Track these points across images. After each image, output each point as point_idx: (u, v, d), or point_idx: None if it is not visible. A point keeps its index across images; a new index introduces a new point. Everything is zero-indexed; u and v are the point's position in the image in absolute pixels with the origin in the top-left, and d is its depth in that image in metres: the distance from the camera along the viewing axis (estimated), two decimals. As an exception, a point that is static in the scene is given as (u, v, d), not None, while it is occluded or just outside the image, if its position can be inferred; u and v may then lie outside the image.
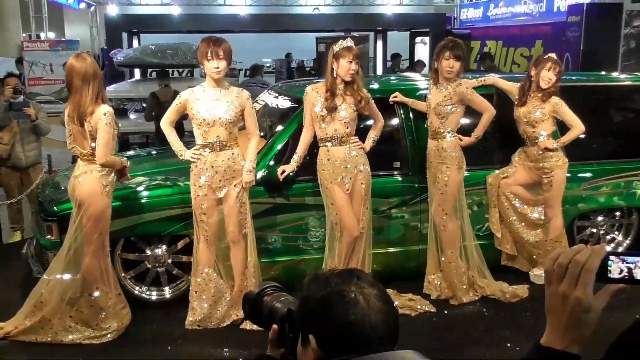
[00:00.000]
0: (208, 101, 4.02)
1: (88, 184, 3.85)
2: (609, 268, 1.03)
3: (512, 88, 4.83)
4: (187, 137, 5.09)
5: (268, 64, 16.60)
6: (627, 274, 1.03)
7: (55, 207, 4.34)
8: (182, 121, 5.04)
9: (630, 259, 1.04)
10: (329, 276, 1.33)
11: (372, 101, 4.31)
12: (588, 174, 5.00)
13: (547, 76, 4.57)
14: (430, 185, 4.59)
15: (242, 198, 4.12)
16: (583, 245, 1.05)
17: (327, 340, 1.26)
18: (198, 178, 4.05)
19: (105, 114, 3.79)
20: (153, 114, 7.71)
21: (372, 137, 4.36)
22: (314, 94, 4.26)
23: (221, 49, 3.94)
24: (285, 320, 1.40)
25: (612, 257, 1.04)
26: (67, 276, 3.94)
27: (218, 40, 4.01)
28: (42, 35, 14.43)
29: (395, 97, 4.73)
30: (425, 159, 4.67)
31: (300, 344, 1.32)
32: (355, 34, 13.85)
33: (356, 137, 4.28)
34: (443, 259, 4.57)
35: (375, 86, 4.95)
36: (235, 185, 4.08)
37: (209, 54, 3.94)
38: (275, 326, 1.43)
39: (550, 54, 4.72)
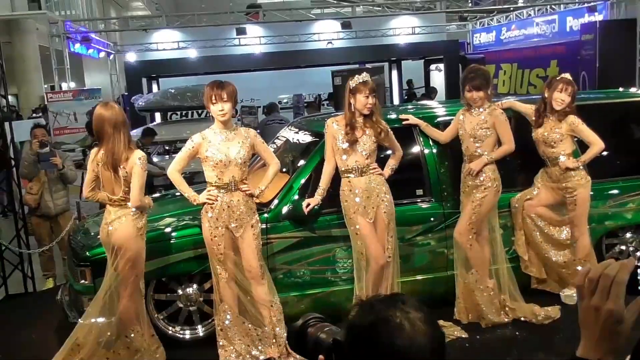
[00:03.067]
0: (221, 143, 4.11)
1: (123, 228, 3.95)
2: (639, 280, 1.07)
3: (528, 110, 4.87)
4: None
5: (285, 100, 16.84)
6: None
7: (87, 253, 4.44)
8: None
9: None
10: (374, 302, 1.33)
11: (391, 132, 4.40)
12: (613, 191, 4.98)
13: (560, 97, 4.61)
14: (464, 207, 4.61)
15: (257, 235, 4.17)
16: (612, 260, 1.09)
17: None
18: (215, 219, 4.10)
19: (140, 158, 3.93)
20: None
21: (391, 165, 4.43)
22: (335, 127, 4.35)
23: (225, 92, 4.04)
24: (331, 350, 1.42)
25: None
26: (102, 319, 4.01)
27: (222, 83, 4.11)
28: (64, 85, 14.83)
29: (407, 119, 4.81)
30: (448, 185, 4.72)
31: None
32: (370, 65, 14.04)
33: (375, 164, 4.35)
34: (470, 277, 4.56)
35: (393, 116, 5.02)
36: (252, 226, 4.14)
37: (213, 98, 4.05)
38: (321, 357, 1.45)
39: (563, 75, 4.76)
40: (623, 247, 5.14)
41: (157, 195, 6.21)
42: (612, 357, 1.06)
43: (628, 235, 5.13)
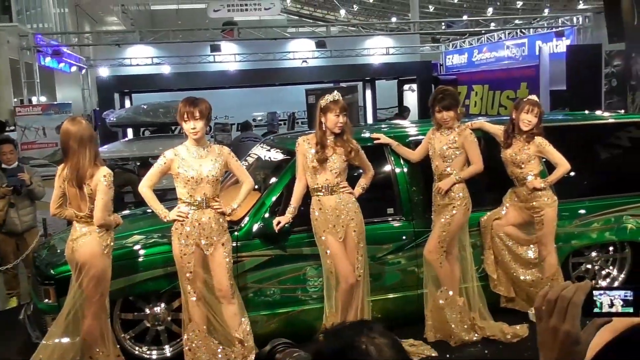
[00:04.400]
0: (193, 160, 4.07)
1: (88, 245, 3.88)
2: (598, 302, 1.09)
3: (497, 131, 4.95)
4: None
5: (260, 118, 16.83)
6: (610, 307, 1.09)
7: (52, 270, 4.35)
8: None
9: (611, 292, 1.10)
10: (340, 329, 1.33)
11: (362, 151, 4.42)
12: (579, 211, 5.07)
13: (527, 118, 4.70)
14: (434, 225, 4.64)
15: (228, 253, 4.14)
16: (569, 282, 1.11)
17: None
18: (185, 237, 4.06)
19: (104, 176, 3.86)
20: None
21: (362, 184, 4.45)
22: (306, 145, 4.36)
23: (197, 110, 4.01)
24: None
25: (595, 292, 1.10)
26: (66, 340, 3.92)
27: (195, 101, 4.07)
28: (34, 99, 14.61)
29: (378, 138, 4.84)
30: (419, 203, 4.76)
31: None
32: (344, 84, 14.14)
33: (345, 182, 4.35)
34: (440, 296, 4.58)
35: (367, 135, 5.05)
36: (223, 244, 4.11)
37: (186, 115, 4.02)
38: None
39: (529, 97, 4.87)
40: (589, 266, 5.23)
41: (127, 212, 6.14)
42: None
43: (593, 254, 5.23)
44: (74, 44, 18.04)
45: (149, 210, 4.67)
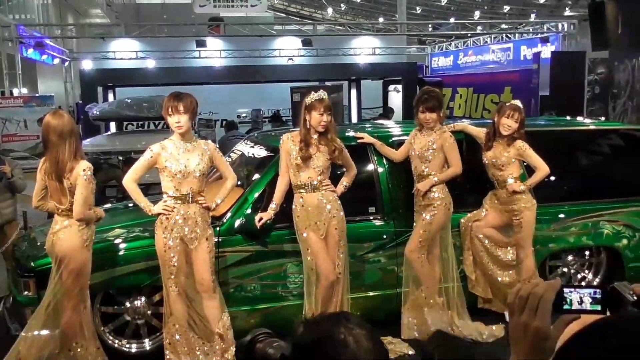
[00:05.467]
0: (180, 154, 4.09)
1: (68, 239, 3.87)
2: (568, 299, 1.14)
3: (479, 134, 5.01)
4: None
5: (244, 114, 16.80)
6: (579, 304, 1.13)
7: (32, 263, 4.33)
8: None
9: (581, 290, 1.14)
10: (319, 320, 1.37)
11: (346, 150, 4.45)
12: (557, 215, 5.15)
13: (507, 123, 4.77)
14: (416, 225, 4.69)
15: (211, 248, 4.16)
16: (541, 280, 1.15)
17: None
18: (170, 230, 4.07)
19: (84, 170, 3.85)
20: None
21: (344, 182, 4.48)
22: (290, 143, 4.39)
23: (181, 104, 4.02)
24: None
25: (566, 290, 1.14)
26: (45, 332, 3.91)
27: (179, 95, 4.09)
28: (15, 91, 14.45)
29: (362, 137, 4.88)
30: (400, 203, 4.80)
31: None
32: (329, 83, 14.17)
33: (328, 180, 4.39)
34: (419, 295, 4.63)
35: (351, 134, 5.08)
36: (206, 239, 4.13)
37: (170, 109, 4.03)
38: None
39: (512, 101, 4.93)
40: (565, 270, 5.31)
41: (109, 206, 6.11)
42: None
43: (570, 258, 5.31)
44: (57, 36, 17.86)
45: (131, 204, 4.66)
